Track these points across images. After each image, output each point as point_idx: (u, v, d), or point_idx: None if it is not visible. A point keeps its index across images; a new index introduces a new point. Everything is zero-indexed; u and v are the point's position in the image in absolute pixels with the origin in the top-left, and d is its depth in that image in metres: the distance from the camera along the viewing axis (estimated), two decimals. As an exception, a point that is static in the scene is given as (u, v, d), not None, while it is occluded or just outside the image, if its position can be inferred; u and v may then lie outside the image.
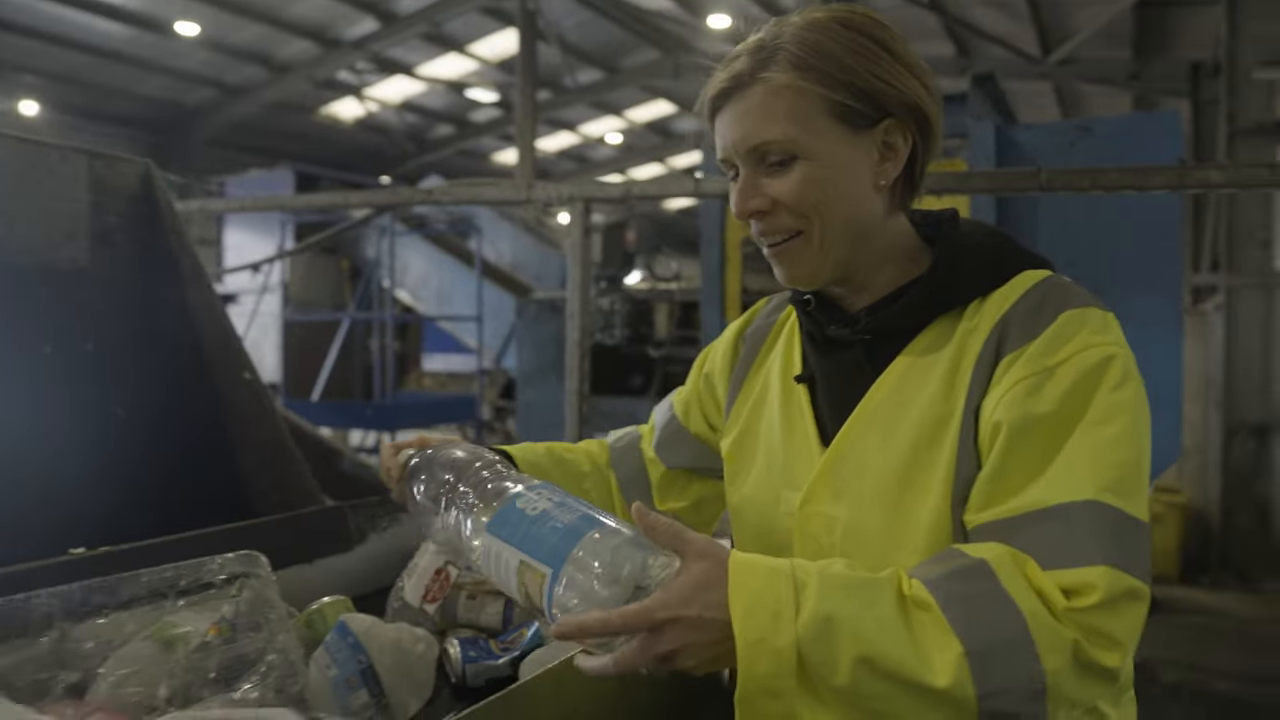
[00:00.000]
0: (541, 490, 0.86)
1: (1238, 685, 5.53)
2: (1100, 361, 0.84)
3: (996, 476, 0.84)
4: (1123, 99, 11.09)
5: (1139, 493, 0.81)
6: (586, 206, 2.13)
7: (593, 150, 17.52)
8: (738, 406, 1.11)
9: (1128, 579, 0.77)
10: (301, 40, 11.45)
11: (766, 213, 0.95)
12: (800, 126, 0.92)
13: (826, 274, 0.97)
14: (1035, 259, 0.97)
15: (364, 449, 7.69)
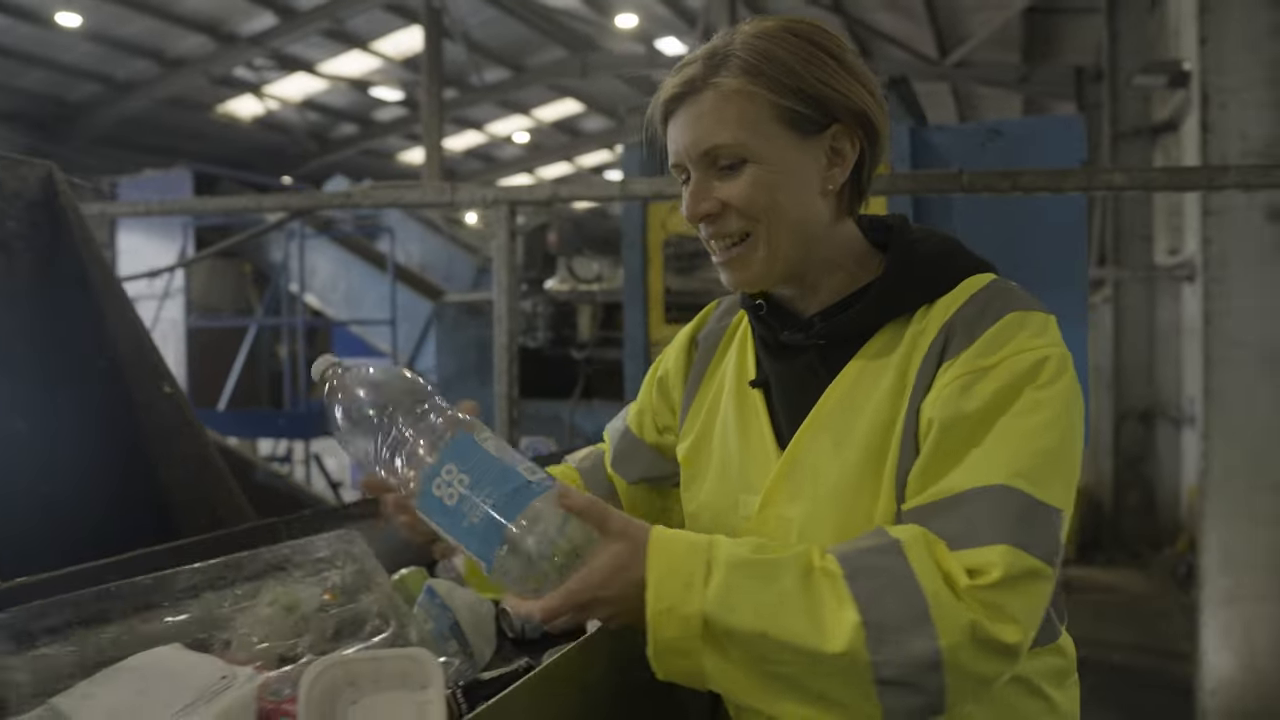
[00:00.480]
0: (453, 466, 0.87)
1: (1131, 656, 5.85)
2: (1034, 364, 0.88)
3: (923, 468, 0.88)
4: (1014, 101, 11.57)
5: (1055, 479, 0.84)
6: (511, 209, 2.11)
7: (500, 149, 17.36)
8: (693, 411, 1.11)
9: (1028, 559, 0.81)
10: (195, 35, 11.03)
11: (716, 215, 0.96)
12: (750, 131, 0.93)
13: (774, 277, 0.98)
14: (981, 264, 0.99)
15: (275, 458, 7.44)
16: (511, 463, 0.88)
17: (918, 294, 0.96)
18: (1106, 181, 1.74)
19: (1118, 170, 1.78)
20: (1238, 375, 4.15)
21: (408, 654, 0.91)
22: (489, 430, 0.92)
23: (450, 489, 0.86)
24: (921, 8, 9.52)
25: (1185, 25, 6.49)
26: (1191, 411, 6.85)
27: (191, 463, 1.34)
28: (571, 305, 4.72)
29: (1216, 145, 4.17)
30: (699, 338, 1.16)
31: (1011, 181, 1.74)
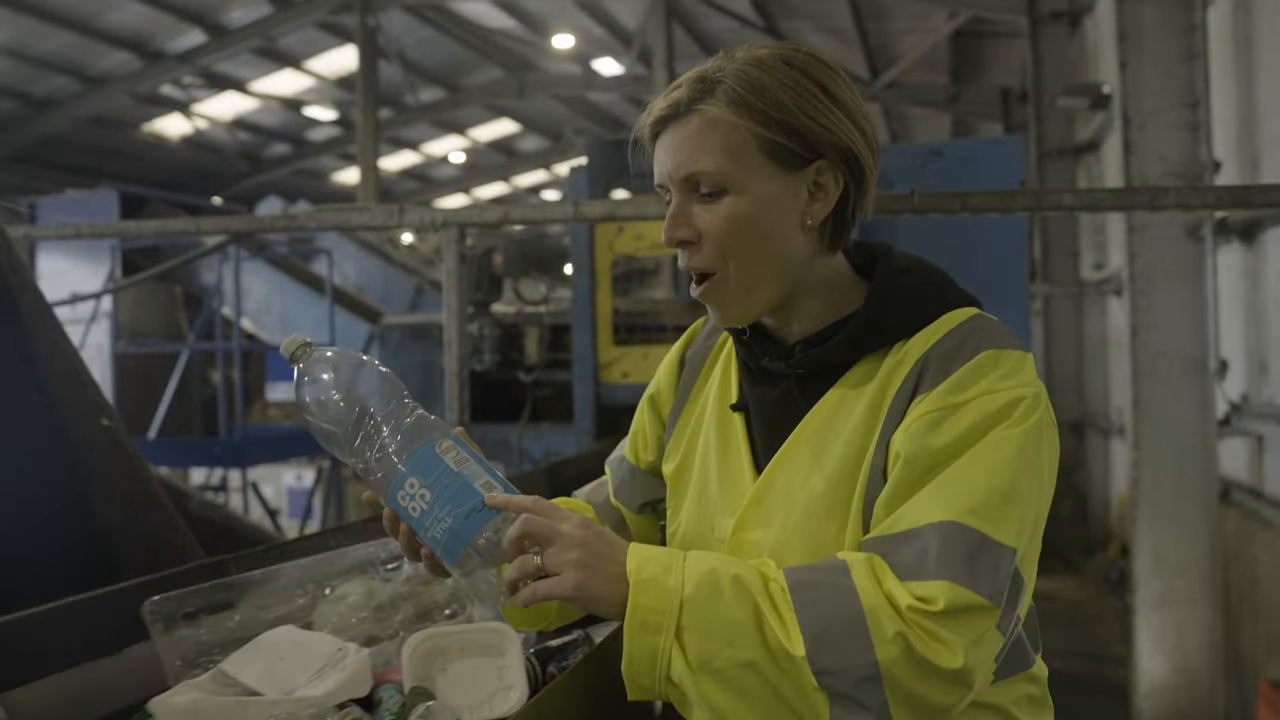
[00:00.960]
0: (415, 480, 0.88)
1: (1067, 661, 5.98)
2: (1004, 404, 0.88)
3: (886, 500, 0.90)
4: (944, 121, 11.88)
5: (1009, 517, 0.85)
6: (461, 232, 2.08)
7: (436, 170, 17.22)
8: (678, 430, 1.12)
9: (969, 595, 0.82)
10: (119, 51, 10.71)
11: (691, 243, 0.96)
12: (732, 161, 0.93)
13: (754, 312, 0.99)
14: (964, 298, 1.00)
15: (209, 487, 7.20)
16: (470, 478, 0.89)
17: (897, 328, 0.96)
18: (1056, 202, 1.79)
19: (1067, 191, 1.82)
20: (1164, 386, 4.29)
21: (489, 627, 1.12)
22: (453, 437, 0.92)
23: (413, 501, 0.88)
24: (853, 30, 9.73)
25: (1105, 50, 6.75)
26: (1120, 422, 7.07)
27: (135, 499, 1.28)
28: (518, 327, 4.69)
29: (1138, 165, 4.32)
30: (686, 356, 1.16)
31: (962, 202, 1.78)
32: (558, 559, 0.87)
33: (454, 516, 0.87)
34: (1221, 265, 4.73)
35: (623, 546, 0.89)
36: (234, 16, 10.42)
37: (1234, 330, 4.84)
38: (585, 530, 0.89)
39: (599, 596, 0.87)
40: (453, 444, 0.91)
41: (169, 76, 11.26)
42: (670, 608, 0.84)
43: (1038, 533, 0.90)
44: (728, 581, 0.85)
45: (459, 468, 0.89)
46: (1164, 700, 4.42)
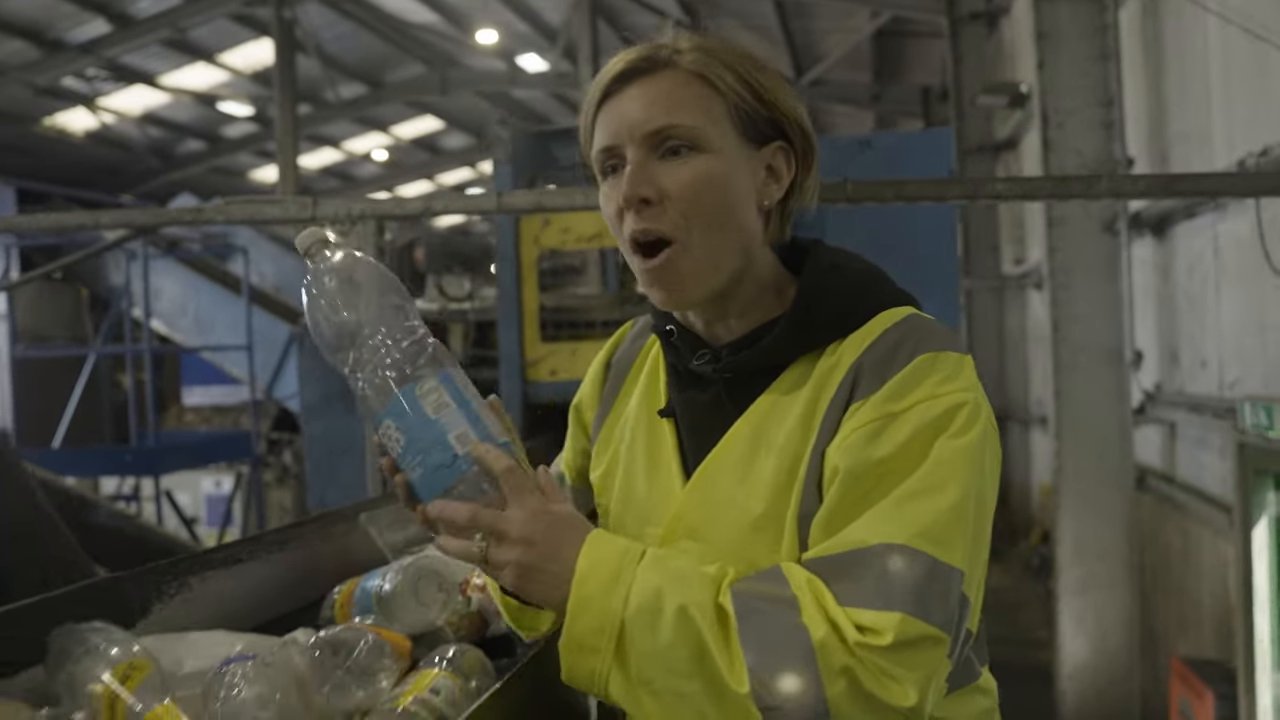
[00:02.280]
0: (391, 423, 0.85)
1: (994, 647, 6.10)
2: (944, 411, 0.84)
3: (827, 517, 0.85)
4: (867, 118, 12.08)
5: (960, 538, 0.81)
6: (379, 225, 1.99)
7: (358, 167, 16.84)
8: (604, 437, 1.06)
9: (921, 625, 0.78)
10: (14, 40, 10.16)
11: (651, 205, 0.88)
12: (708, 119, 0.89)
13: (705, 291, 0.91)
14: (899, 296, 0.95)
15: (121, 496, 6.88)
16: (446, 428, 0.84)
17: (828, 328, 0.91)
18: (991, 190, 1.79)
19: (1000, 180, 1.83)
20: (1084, 378, 4.40)
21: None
22: (441, 376, 0.86)
23: (390, 443, 0.86)
24: (778, 29, 9.81)
25: (1022, 50, 6.92)
26: (1040, 413, 7.26)
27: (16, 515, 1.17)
28: (442, 324, 4.57)
29: (1056, 161, 4.43)
30: (613, 361, 1.10)
31: (896, 191, 1.76)
32: (500, 555, 0.83)
33: (424, 467, 0.84)
34: (1135, 259, 4.87)
35: (576, 542, 0.84)
36: (141, 6, 9.98)
37: (1147, 322, 5.00)
38: (536, 523, 0.83)
39: (539, 599, 0.84)
40: (436, 385, 0.85)
41: (70, 68, 10.74)
42: (609, 628, 0.80)
43: (984, 546, 0.86)
44: (672, 610, 0.80)
45: (436, 414, 0.84)
46: (1085, 681, 4.54)
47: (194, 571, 1.13)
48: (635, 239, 0.90)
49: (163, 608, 1.07)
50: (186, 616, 1.09)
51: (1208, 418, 4.13)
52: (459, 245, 6.40)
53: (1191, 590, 4.51)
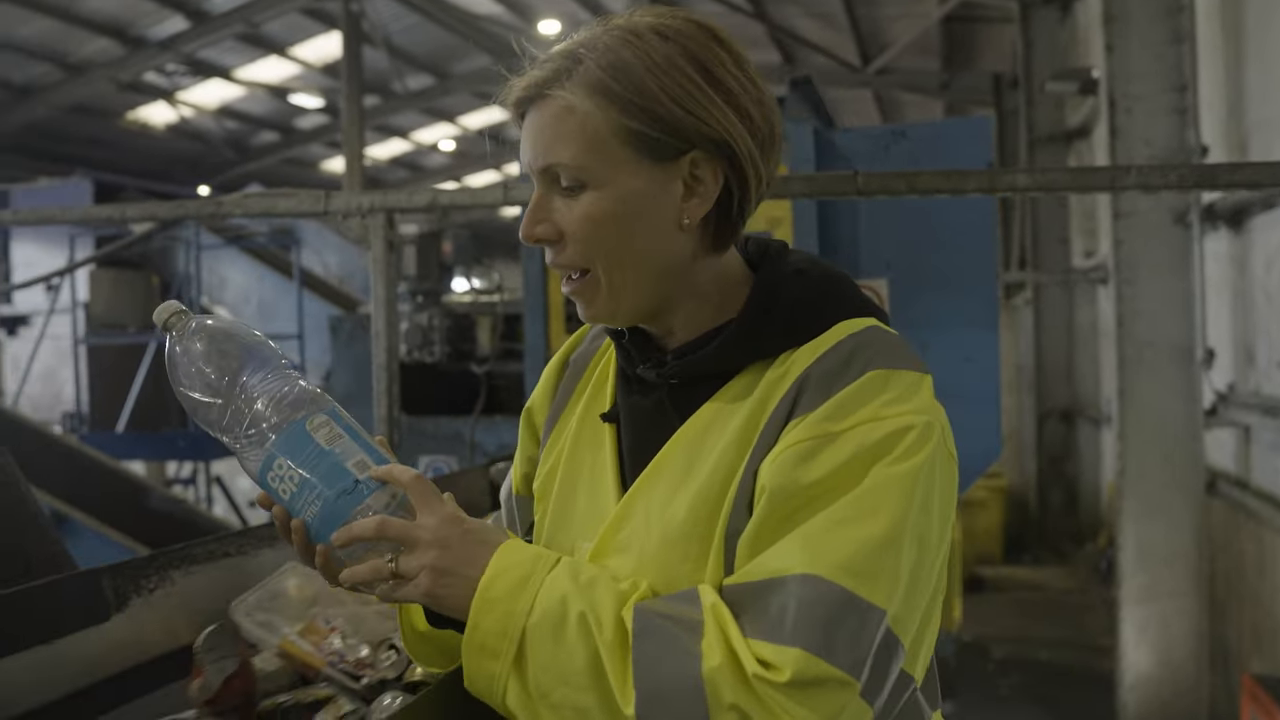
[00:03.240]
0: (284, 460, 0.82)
1: (1056, 652, 5.95)
2: (886, 435, 0.78)
3: (751, 539, 0.79)
4: (936, 107, 11.77)
5: (883, 573, 0.75)
6: (389, 218, 1.99)
7: (426, 157, 17.09)
8: (553, 440, 1.00)
9: (823, 666, 0.72)
10: (100, 38, 10.56)
11: (553, 242, 0.87)
12: (591, 152, 0.83)
13: (623, 315, 0.89)
14: (862, 306, 0.89)
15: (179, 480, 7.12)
16: (341, 457, 0.82)
17: (780, 337, 0.85)
18: (1009, 183, 1.69)
19: (1020, 172, 1.74)
20: (1150, 375, 4.22)
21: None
22: (328, 411, 0.85)
23: (283, 484, 0.83)
24: (843, 15, 9.61)
25: (1095, 34, 6.65)
26: (1110, 411, 7.01)
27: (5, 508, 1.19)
28: (470, 317, 4.58)
29: (1124, 150, 4.24)
30: (571, 359, 1.05)
31: (907, 183, 1.68)
32: (412, 563, 0.80)
33: (323, 500, 0.81)
34: (1209, 253, 4.65)
35: (489, 550, 0.81)
36: (216, 2, 10.27)
37: (1221, 318, 4.76)
38: (449, 528, 0.81)
39: (451, 605, 0.80)
40: (326, 419, 0.84)
41: (152, 63, 11.12)
42: (512, 632, 0.78)
43: (924, 585, 0.79)
44: (574, 617, 0.77)
45: (330, 445, 0.83)
46: (1149, 693, 4.37)
47: (176, 565, 1.13)
48: (553, 266, 0.89)
49: (142, 602, 1.07)
50: (169, 611, 1.10)
51: (1285, 421, 3.92)
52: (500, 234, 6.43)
53: (1266, 602, 4.29)
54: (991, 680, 5.38)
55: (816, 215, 2.34)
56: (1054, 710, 4.94)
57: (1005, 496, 8.35)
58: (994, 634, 6.20)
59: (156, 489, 3.81)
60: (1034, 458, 8.59)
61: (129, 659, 1.05)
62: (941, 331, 2.13)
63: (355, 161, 9.76)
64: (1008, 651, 5.90)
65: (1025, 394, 8.77)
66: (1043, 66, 7.99)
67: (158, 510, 3.45)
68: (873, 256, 2.28)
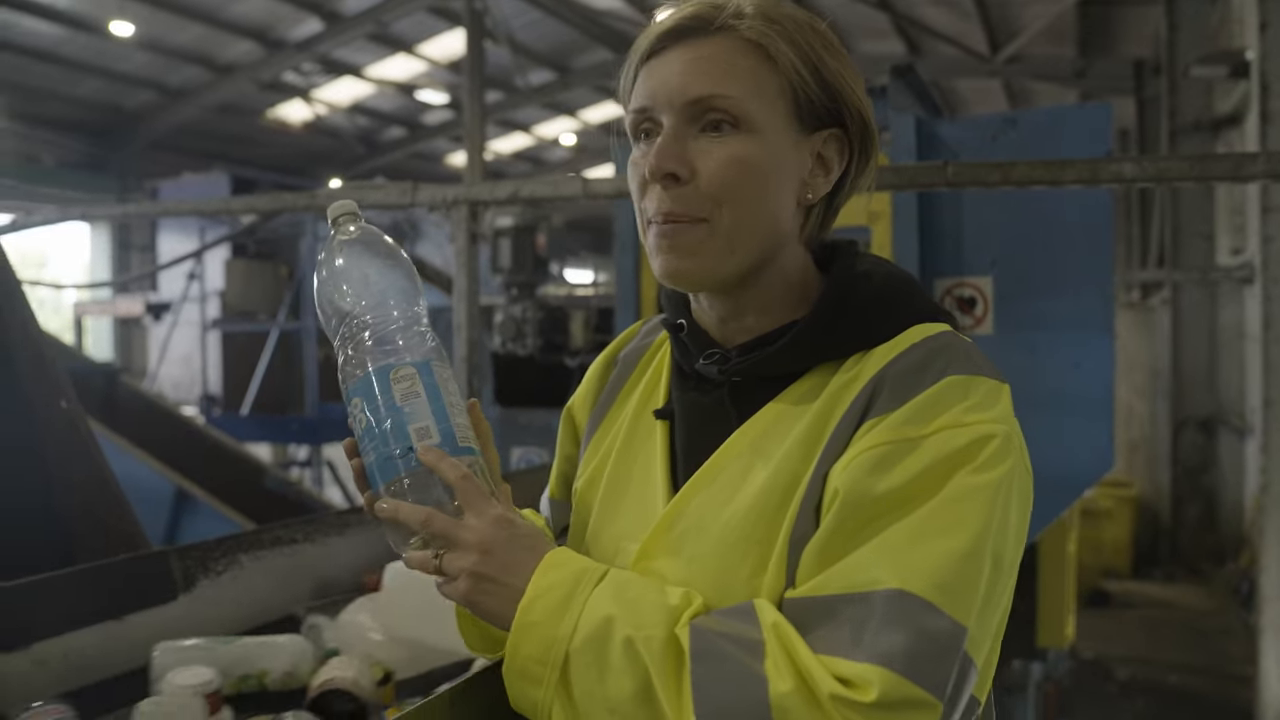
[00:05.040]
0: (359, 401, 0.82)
1: (1187, 678, 5.57)
2: (969, 443, 0.74)
3: (820, 548, 0.75)
4: (1070, 96, 11.16)
5: (967, 589, 0.71)
6: (472, 209, 2.00)
7: (547, 151, 17.36)
8: (598, 438, 0.97)
9: (910, 688, 0.67)
10: (244, 41, 11.18)
11: (680, 182, 0.80)
12: (758, 96, 0.80)
13: (721, 276, 0.83)
14: (935, 311, 0.85)
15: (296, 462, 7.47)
16: (408, 418, 0.81)
17: (850, 339, 0.82)
18: (1115, 173, 1.56)
19: (1127, 160, 1.60)
20: (1300, 384, 3.88)
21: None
22: (419, 363, 0.83)
23: (355, 420, 0.83)
24: (971, 2, 9.22)
25: (1248, 11, 6.16)
26: (1254, 420, 6.50)
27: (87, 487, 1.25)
28: (564, 310, 4.59)
29: (1277, 138, 3.90)
30: (620, 356, 1.01)
31: (1002, 174, 1.56)
32: (455, 564, 0.79)
33: (378, 453, 0.81)
34: (1373, 250, 4.23)
35: (533, 560, 0.78)
36: (348, 4, 10.70)
37: (1387, 323, 4.33)
38: (495, 532, 0.78)
39: (490, 613, 0.78)
40: (412, 372, 0.82)
41: (289, 64, 11.68)
42: (554, 659, 0.75)
43: (998, 606, 0.74)
44: (620, 642, 0.73)
45: (403, 402, 0.81)
46: (1291, 728, 4.03)
47: (245, 549, 1.16)
48: (659, 220, 0.82)
49: (210, 584, 1.10)
50: (235, 594, 1.13)
51: None
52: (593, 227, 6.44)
53: None
54: (1113, 703, 5.08)
55: (918, 209, 2.23)
56: (1184, 740, 4.64)
57: (1135, 507, 7.88)
58: (1118, 654, 5.85)
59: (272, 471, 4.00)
60: (1168, 468, 8.07)
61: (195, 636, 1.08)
62: (1050, 333, 1.99)
63: (476, 155, 9.96)
64: (1132, 673, 5.56)
65: (1160, 400, 8.24)
66: (1189, 50, 7.46)
67: (271, 490, 3.62)
68: (977, 253, 2.15)
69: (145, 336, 10.20)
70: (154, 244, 7.45)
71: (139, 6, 9.79)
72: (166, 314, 7.98)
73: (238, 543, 1.16)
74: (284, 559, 1.16)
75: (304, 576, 1.19)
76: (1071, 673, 4.49)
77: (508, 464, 4.61)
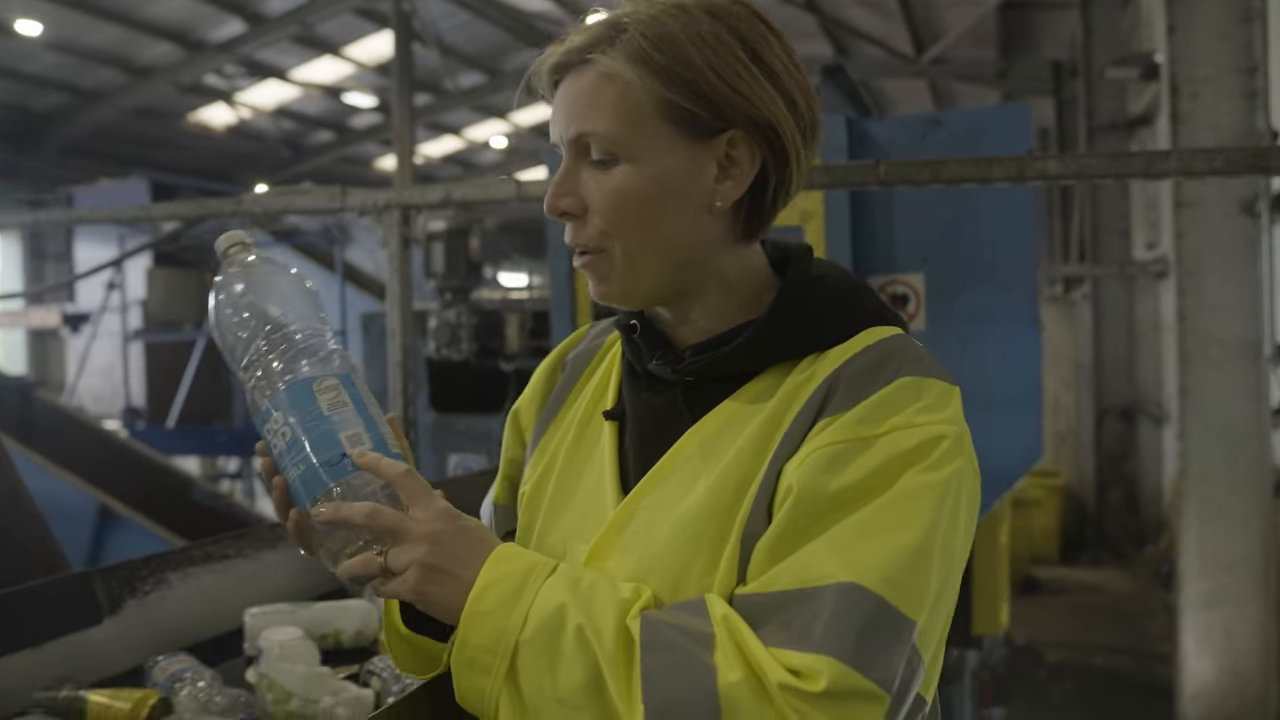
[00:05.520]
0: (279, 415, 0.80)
1: (1113, 658, 5.76)
2: (921, 443, 0.75)
3: (771, 545, 0.75)
4: (992, 97, 11.47)
5: (915, 583, 0.72)
6: (404, 214, 1.97)
7: (478, 155, 17.22)
8: (545, 441, 0.96)
9: (858, 679, 0.68)
10: (162, 43, 10.84)
11: (575, 217, 0.83)
12: (628, 123, 0.80)
13: (640, 296, 0.85)
14: (887, 314, 0.86)
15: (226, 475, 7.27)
16: (337, 426, 0.79)
17: (805, 339, 0.83)
18: (1039, 170, 1.61)
19: (1051, 158, 1.65)
20: (1214, 373, 4.05)
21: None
22: (340, 375, 0.82)
23: (275, 437, 0.80)
24: (896, 4, 9.41)
25: (1157, 16, 6.40)
26: (1170, 409, 6.76)
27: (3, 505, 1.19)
28: (499, 314, 4.57)
29: (1189, 137, 4.07)
30: (568, 358, 1.00)
31: (931, 172, 1.61)
32: (402, 557, 0.77)
33: (306, 465, 0.78)
34: (1279, 244, 4.44)
35: (483, 552, 0.77)
36: (272, 5, 10.46)
37: (1291, 313, 4.55)
38: (444, 524, 0.77)
39: (440, 605, 0.77)
40: (335, 383, 0.81)
41: (211, 66, 11.37)
42: (503, 648, 0.74)
43: (946, 604, 0.75)
44: (572, 630, 0.73)
45: (330, 411, 0.80)
46: (1212, 703, 4.20)
47: (174, 568, 1.12)
48: (569, 241, 0.85)
49: (138, 605, 1.06)
50: (165, 615, 1.08)
51: (1359, 421, 3.72)
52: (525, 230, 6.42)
53: (1338, 610, 4.09)
54: (1045, 687, 5.22)
55: (850, 208, 2.26)
56: (1109, 718, 4.78)
57: (1063, 495, 8.13)
58: (1049, 638, 6.02)
59: (200, 484, 3.87)
60: (1092, 456, 8.35)
61: (121, 664, 1.03)
62: (980, 327, 2.04)
63: (406, 159, 9.84)
64: (1062, 657, 5.73)
65: (1084, 391, 8.52)
66: (1103, 53, 7.74)
67: (200, 504, 3.51)
68: (908, 250, 2.20)
69: (62, 348, 9.84)
70: (70, 253, 7.17)
71: (47, 6, 9.41)
72: (85, 325, 7.70)
73: (166, 561, 1.11)
74: (215, 576, 1.11)
75: (238, 593, 1.14)
76: (1006, 659, 4.61)
77: (444, 470, 4.55)
